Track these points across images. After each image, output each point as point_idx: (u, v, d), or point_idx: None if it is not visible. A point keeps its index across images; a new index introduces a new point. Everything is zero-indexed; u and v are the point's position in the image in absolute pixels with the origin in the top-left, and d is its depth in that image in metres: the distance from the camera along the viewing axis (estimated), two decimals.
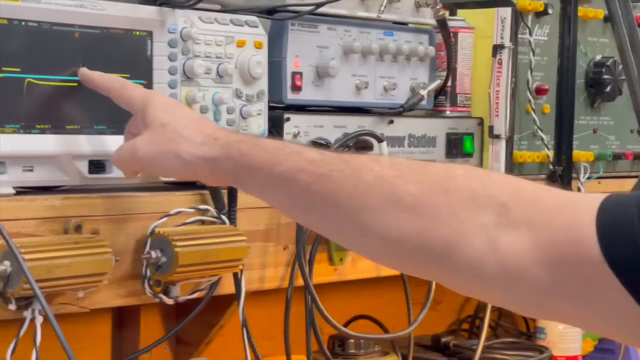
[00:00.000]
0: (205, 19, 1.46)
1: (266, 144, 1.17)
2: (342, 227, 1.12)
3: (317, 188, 1.10)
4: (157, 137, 1.23)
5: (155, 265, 1.36)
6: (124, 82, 1.31)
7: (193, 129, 1.22)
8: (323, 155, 1.13)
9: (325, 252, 1.63)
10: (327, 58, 1.64)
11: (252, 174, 1.16)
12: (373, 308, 1.96)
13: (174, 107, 1.26)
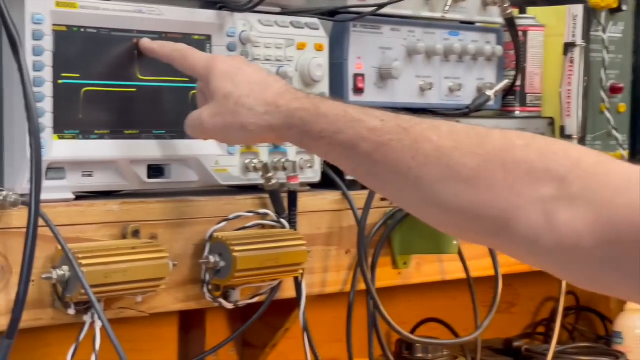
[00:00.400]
0: (264, 21, 1.46)
1: (327, 111, 1.17)
2: (403, 195, 1.14)
3: (378, 157, 1.12)
4: (221, 109, 1.24)
5: (214, 270, 1.36)
6: (185, 52, 1.31)
7: (255, 97, 1.23)
8: (383, 123, 1.13)
9: (389, 255, 1.61)
10: (390, 59, 1.62)
11: (315, 142, 1.19)
12: (445, 310, 1.94)
13: (236, 72, 1.26)
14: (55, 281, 1.21)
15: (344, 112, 1.17)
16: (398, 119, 1.14)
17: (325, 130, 1.17)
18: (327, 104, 1.19)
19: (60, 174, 1.28)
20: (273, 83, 1.25)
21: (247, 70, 1.27)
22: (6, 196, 1.20)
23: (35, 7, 1.24)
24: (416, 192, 1.11)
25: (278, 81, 1.26)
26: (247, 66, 1.28)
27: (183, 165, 1.39)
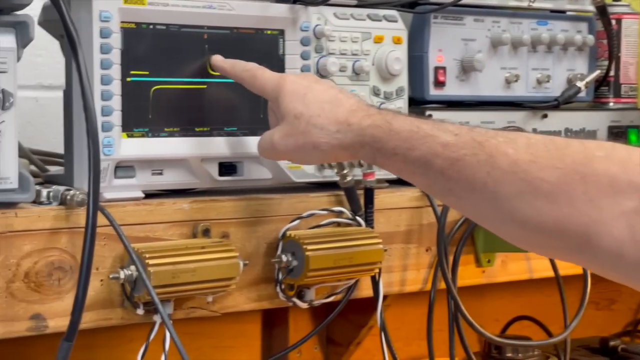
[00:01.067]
0: (340, 15, 1.43)
1: (400, 127, 1.14)
2: (480, 212, 1.11)
3: (452, 173, 1.09)
4: (292, 130, 1.22)
5: (287, 269, 1.33)
6: (254, 72, 1.28)
7: (326, 117, 1.20)
8: (457, 137, 1.10)
9: (472, 253, 1.56)
10: (473, 51, 1.58)
11: (388, 160, 1.16)
12: (538, 307, 1.88)
13: (306, 92, 1.23)
14: (123, 281, 1.21)
15: (416, 127, 1.13)
16: (472, 132, 1.10)
17: (398, 147, 1.14)
18: (399, 120, 1.16)
19: (130, 172, 1.27)
20: (344, 100, 1.22)
21: (317, 88, 1.24)
22: (73, 195, 1.19)
23: (102, 4, 1.23)
24: (493, 209, 1.08)
25: (349, 98, 1.23)
26: (317, 84, 1.25)
27: (256, 163, 1.37)
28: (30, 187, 1.17)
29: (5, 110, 1.15)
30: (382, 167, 1.21)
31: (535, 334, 1.81)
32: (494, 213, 1.08)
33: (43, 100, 1.85)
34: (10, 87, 1.15)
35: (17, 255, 1.16)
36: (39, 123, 1.85)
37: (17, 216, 1.16)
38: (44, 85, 1.85)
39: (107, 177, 1.25)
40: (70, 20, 1.05)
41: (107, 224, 1.18)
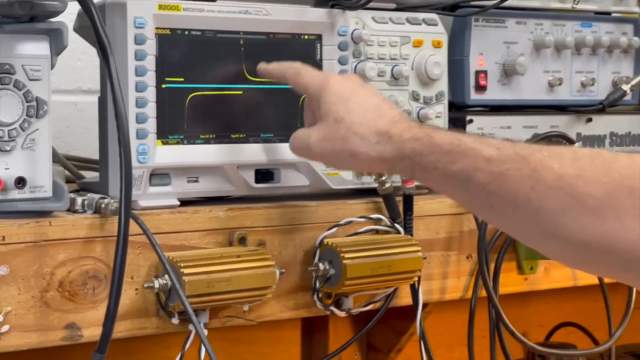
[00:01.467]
0: (378, 19, 1.40)
1: (440, 140, 1.12)
2: (522, 228, 1.08)
3: (494, 188, 1.07)
4: (331, 134, 1.20)
5: (324, 277, 1.31)
6: (298, 69, 1.26)
7: (367, 125, 1.17)
8: (500, 151, 1.07)
9: (514, 260, 1.53)
10: (515, 54, 1.55)
11: (428, 174, 1.14)
12: (584, 313, 1.84)
13: (349, 96, 1.21)
14: (157, 290, 1.19)
15: (458, 140, 1.11)
16: (515, 146, 1.08)
17: (439, 161, 1.11)
18: (440, 133, 1.13)
19: (165, 180, 1.26)
20: (387, 110, 1.19)
21: (361, 93, 1.21)
22: (107, 204, 1.18)
23: (137, 10, 1.22)
24: (536, 225, 1.05)
25: (392, 108, 1.20)
26: (361, 89, 1.22)
27: (292, 169, 1.35)
28: (64, 196, 1.16)
29: (39, 119, 1.14)
30: (421, 182, 1.20)
31: (581, 340, 1.78)
32: (536, 229, 1.06)
33: (82, 105, 1.85)
34: (44, 95, 1.14)
35: (52, 264, 1.15)
36: (78, 127, 1.85)
37: (51, 225, 1.15)
38: (83, 90, 1.85)
39: (142, 184, 1.23)
40: (102, 29, 1.04)
41: (142, 232, 1.17)
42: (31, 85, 1.13)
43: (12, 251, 1.12)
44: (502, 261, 1.50)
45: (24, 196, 1.13)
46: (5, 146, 1.12)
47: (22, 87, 1.12)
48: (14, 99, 1.12)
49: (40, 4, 1.11)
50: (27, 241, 1.13)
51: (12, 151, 1.12)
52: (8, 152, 1.12)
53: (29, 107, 1.13)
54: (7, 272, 1.11)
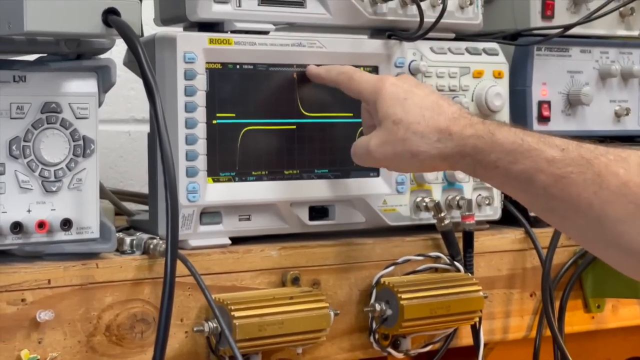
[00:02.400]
0: (437, 49, 1.36)
1: (503, 138, 1.08)
2: (584, 233, 1.06)
3: (556, 191, 1.04)
4: (391, 137, 1.16)
5: (381, 318, 1.27)
6: (352, 74, 1.23)
7: (427, 124, 1.14)
8: (563, 152, 1.04)
9: (580, 298, 1.47)
10: (580, 84, 1.50)
11: (489, 172, 1.11)
12: None
13: (406, 96, 1.17)
14: (207, 334, 1.16)
15: (520, 140, 1.07)
16: (581, 148, 1.04)
17: (500, 160, 1.08)
18: (503, 131, 1.09)
19: (216, 218, 1.22)
20: (446, 107, 1.16)
21: (417, 93, 1.17)
22: (156, 245, 1.15)
23: (187, 45, 1.18)
24: (598, 232, 1.02)
25: (451, 105, 1.17)
26: (417, 88, 1.18)
27: (348, 206, 1.30)
28: (111, 237, 1.13)
29: (86, 158, 1.11)
30: (482, 180, 1.17)
31: None
32: (598, 236, 1.02)
33: (135, 134, 1.82)
34: (92, 134, 1.11)
35: (98, 308, 1.12)
36: (131, 157, 1.83)
37: (98, 267, 1.12)
38: (137, 119, 1.83)
39: (192, 224, 1.20)
40: (149, 69, 1.01)
41: (189, 274, 1.14)
42: (78, 123, 1.10)
43: (57, 295, 1.09)
44: (568, 299, 1.44)
45: (71, 237, 1.10)
46: (52, 187, 1.09)
47: (69, 126, 1.10)
48: (61, 139, 1.09)
49: (88, 42, 1.08)
50: (74, 284, 1.10)
51: (58, 192, 1.09)
52: (54, 193, 1.09)
53: (75, 147, 1.10)
54: (52, 316, 1.08)
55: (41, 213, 1.08)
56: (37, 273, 1.08)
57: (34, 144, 1.08)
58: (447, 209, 1.35)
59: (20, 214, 1.07)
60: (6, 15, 1.00)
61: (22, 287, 1.07)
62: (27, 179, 1.08)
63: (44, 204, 1.09)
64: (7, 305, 1.06)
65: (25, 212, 1.08)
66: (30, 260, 1.10)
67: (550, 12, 1.46)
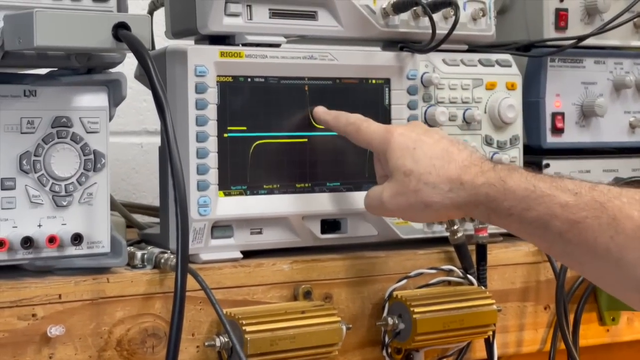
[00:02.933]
0: (449, 61, 1.35)
1: (515, 186, 1.09)
2: (603, 277, 1.06)
3: (571, 236, 1.04)
4: (403, 188, 1.16)
5: (394, 332, 1.26)
6: (359, 125, 1.22)
7: (438, 174, 1.14)
8: (577, 197, 1.04)
9: (595, 311, 1.46)
10: (594, 95, 1.49)
11: (503, 220, 1.11)
12: None
13: (414, 146, 1.17)
14: (219, 348, 1.15)
15: (533, 186, 1.07)
16: (594, 191, 1.04)
17: (514, 208, 1.08)
18: (514, 178, 1.09)
19: (227, 232, 1.22)
20: (456, 155, 1.15)
21: (426, 141, 1.17)
22: (167, 259, 1.15)
23: (198, 58, 1.18)
24: (617, 276, 1.01)
25: (461, 151, 1.16)
26: (426, 136, 1.18)
27: (360, 219, 1.30)
28: (122, 251, 1.13)
29: (97, 172, 1.11)
30: (497, 226, 1.16)
31: None
32: (617, 280, 1.02)
33: (148, 146, 1.82)
34: (102, 148, 1.11)
35: (109, 323, 1.11)
36: (144, 169, 1.82)
37: (109, 282, 1.11)
38: (149, 131, 1.82)
39: (203, 238, 1.19)
40: (159, 84, 1.00)
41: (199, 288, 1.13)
42: (89, 138, 1.10)
43: (68, 310, 1.08)
44: (582, 312, 1.43)
45: (81, 252, 1.10)
46: (62, 201, 1.09)
47: (80, 140, 1.09)
48: (71, 153, 1.09)
49: (98, 56, 1.08)
50: (84, 299, 1.09)
51: (69, 206, 1.09)
52: (65, 208, 1.09)
53: (86, 161, 1.10)
54: (63, 331, 1.07)
55: (52, 228, 1.08)
56: (47, 288, 1.08)
57: (44, 159, 1.08)
58: (460, 222, 1.33)
59: (31, 229, 1.07)
60: (16, 30, 1.00)
61: (33, 302, 1.07)
62: (38, 194, 1.08)
63: (54, 219, 1.08)
64: (18, 320, 1.06)
65: (36, 227, 1.07)
66: (41, 275, 1.10)
67: (563, 23, 1.46)
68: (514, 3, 1.49)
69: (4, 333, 1.05)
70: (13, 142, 1.06)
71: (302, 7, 1.26)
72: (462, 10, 1.35)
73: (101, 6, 1.07)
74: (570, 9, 1.47)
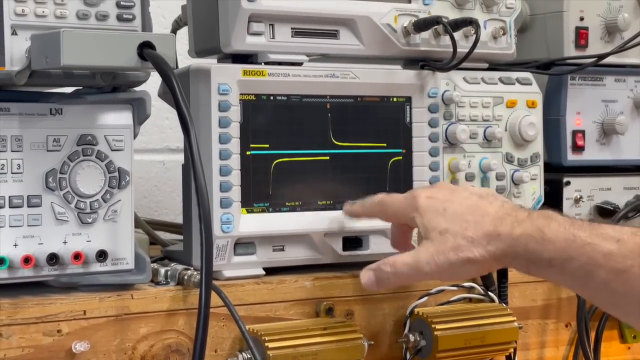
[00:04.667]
0: (470, 79, 1.36)
1: (554, 236, 1.06)
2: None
3: (617, 286, 1.02)
4: (441, 247, 1.13)
5: (415, 348, 1.26)
6: (383, 202, 1.21)
7: (474, 229, 1.11)
8: (619, 244, 1.02)
9: (616, 328, 1.46)
10: (615, 113, 1.49)
11: (544, 271, 1.08)
12: None
13: (443, 207, 1.15)
14: None
15: (572, 235, 1.05)
16: (636, 237, 1.02)
17: (554, 259, 1.06)
18: (552, 228, 1.07)
19: (250, 249, 1.23)
20: (487, 207, 1.13)
21: (455, 201, 1.15)
22: (190, 276, 1.16)
23: (221, 76, 1.19)
24: None
25: (492, 203, 1.14)
26: (453, 196, 1.16)
27: (381, 236, 1.30)
28: (146, 268, 1.14)
29: (121, 189, 1.12)
30: (537, 276, 1.13)
31: None
32: None
33: (170, 164, 1.83)
34: (127, 165, 1.12)
35: (133, 339, 1.12)
36: (166, 187, 1.84)
37: (132, 298, 1.12)
38: (171, 148, 1.84)
39: (226, 254, 1.20)
40: (184, 103, 1.01)
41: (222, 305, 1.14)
42: (113, 155, 1.11)
43: (93, 326, 1.09)
44: (604, 330, 1.43)
45: (106, 269, 1.11)
46: (87, 218, 1.10)
47: (105, 158, 1.10)
48: (96, 171, 1.10)
49: (123, 74, 1.09)
50: (109, 315, 1.10)
51: (94, 223, 1.10)
52: (90, 225, 1.10)
53: (111, 178, 1.11)
54: (88, 347, 1.08)
55: (77, 244, 1.09)
56: (72, 304, 1.09)
57: (70, 176, 1.09)
58: None
59: (57, 246, 1.08)
60: (43, 50, 1.01)
61: (58, 318, 1.08)
62: (63, 211, 1.09)
63: (79, 236, 1.10)
64: (43, 336, 1.07)
65: (62, 244, 1.09)
66: (66, 291, 1.11)
67: (584, 42, 1.46)
68: (535, 21, 1.50)
69: (29, 349, 1.06)
70: (39, 159, 1.08)
71: (324, 26, 1.27)
72: (483, 28, 1.35)
73: (126, 25, 1.08)
74: (590, 27, 1.47)
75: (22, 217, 1.07)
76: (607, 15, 1.48)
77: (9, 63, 1.04)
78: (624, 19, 1.48)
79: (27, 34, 1.04)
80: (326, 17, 1.27)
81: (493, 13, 1.37)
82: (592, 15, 1.48)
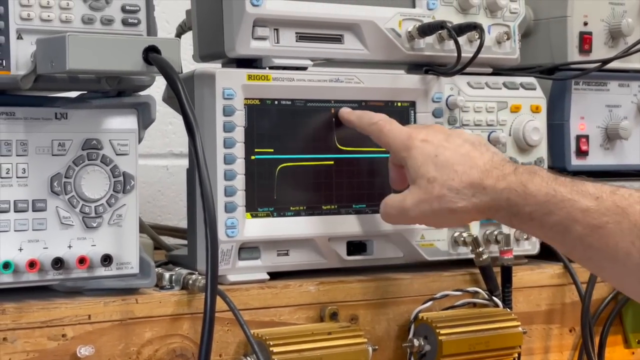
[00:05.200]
0: (474, 84, 1.36)
1: (536, 190, 1.09)
2: (623, 282, 1.07)
3: (592, 241, 1.04)
4: (426, 195, 1.17)
5: (419, 353, 1.26)
6: (382, 126, 1.22)
7: (460, 180, 1.15)
8: (598, 201, 1.04)
9: (620, 333, 1.46)
10: (619, 118, 1.49)
11: (524, 224, 1.12)
12: None
13: (436, 153, 1.17)
14: None
15: (553, 190, 1.08)
16: (615, 196, 1.04)
17: (535, 212, 1.09)
18: (535, 182, 1.10)
19: (254, 253, 1.23)
20: (477, 159, 1.16)
21: (448, 147, 1.18)
22: (195, 280, 1.15)
23: (226, 81, 1.19)
24: (637, 280, 1.02)
25: (483, 154, 1.17)
26: (448, 142, 1.18)
27: (386, 241, 1.30)
28: (151, 272, 1.14)
29: (126, 194, 1.12)
30: (518, 230, 1.21)
31: None
32: (637, 284, 1.02)
33: (173, 169, 1.83)
34: (131, 170, 1.12)
35: (138, 343, 1.12)
36: (169, 191, 1.84)
37: (137, 302, 1.12)
38: (175, 153, 1.84)
39: (230, 259, 1.20)
40: (189, 107, 1.01)
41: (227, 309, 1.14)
42: (118, 160, 1.11)
43: (97, 330, 1.09)
44: (608, 335, 1.43)
45: (110, 273, 1.11)
46: (92, 223, 1.10)
47: (109, 162, 1.11)
48: (101, 175, 1.10)
49: (128, 79, 1.09)
50: (113, 319, 1.10)
51: (99, 228, 1.10)
52: (95, 229, 1.10)
53: (115, 183, 1.11)
54: (92, 352, 1.08)
55: (82, 249, 1.09)
56: (77, 308, 1.09)
57: (75, 181, 1.09)
58: (485, 244, 1.34)
59: (62, 250, 1.08)
60: (49, 54, 1.01)
61: (62, 322, 1.08)
62: (68, 215, 1.09)
63: (84, 240, 1.10)
64: (48, 341, 1.07)
65: (66, 248, 1.09)
66: (71, 295, 1.11)
67: (587, 47, 1.46)
68: (539, 26, 1.50)
69: (34, 353, 1.06)
70: (44, 164, 1.08)
71: (329, 31, 1.27)
72: (487, 33, 1.35)
73: (131, 30, 1.09)
74: (594, 32, 1.48)
75: (27, 221, 1.07)
76: (611, 20, 1.48)
77: (14, 67, 1.04)
78: (627, 24, 1.48)
79: (32, 39, 1.04)
80: (331, 22, 1.27)
81: (497, 18, 1.37)
82: (596, 20, 1.48)
